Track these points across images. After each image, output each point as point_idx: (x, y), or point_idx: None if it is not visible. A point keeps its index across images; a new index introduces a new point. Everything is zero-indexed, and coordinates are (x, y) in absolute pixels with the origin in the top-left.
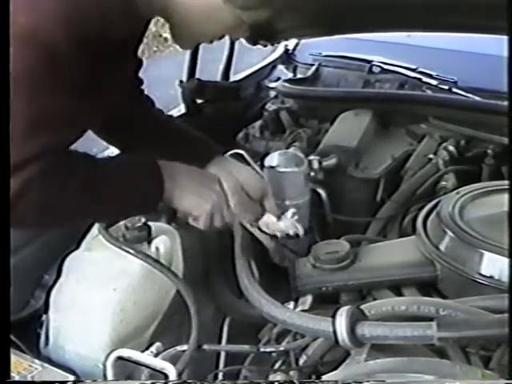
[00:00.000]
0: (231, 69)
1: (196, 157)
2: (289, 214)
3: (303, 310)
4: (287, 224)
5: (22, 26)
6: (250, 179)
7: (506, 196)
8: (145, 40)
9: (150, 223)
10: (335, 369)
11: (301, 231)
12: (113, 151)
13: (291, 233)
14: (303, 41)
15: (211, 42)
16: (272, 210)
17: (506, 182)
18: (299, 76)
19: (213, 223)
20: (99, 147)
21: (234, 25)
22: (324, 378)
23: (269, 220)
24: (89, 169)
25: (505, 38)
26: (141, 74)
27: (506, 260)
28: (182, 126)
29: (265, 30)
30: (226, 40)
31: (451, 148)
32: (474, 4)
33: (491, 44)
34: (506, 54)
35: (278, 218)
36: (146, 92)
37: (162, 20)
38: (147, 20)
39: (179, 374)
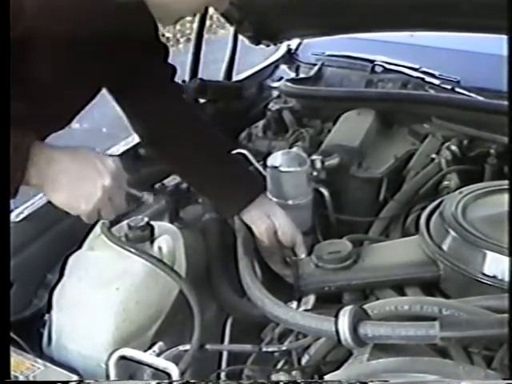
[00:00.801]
0: (234, 68)
1: (241, 191)
2: None
3: (306, 310)
4: None
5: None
6: (284, 227)
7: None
8: None
9: (152, 223)
10: (337, 369)
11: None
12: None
13: None
14: (306, 40)
15: (194, 15)
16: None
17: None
18: (302, 76)
19: (100, 217)
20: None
21: None
22: (326, 377)
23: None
24: None
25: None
26: None
27: (509, 260)
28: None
29: (267, 30)
30: (229, 40)
31: (454, 148)
32: (476, 4)
33: (494, 44)
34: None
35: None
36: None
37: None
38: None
39: (182, 374)
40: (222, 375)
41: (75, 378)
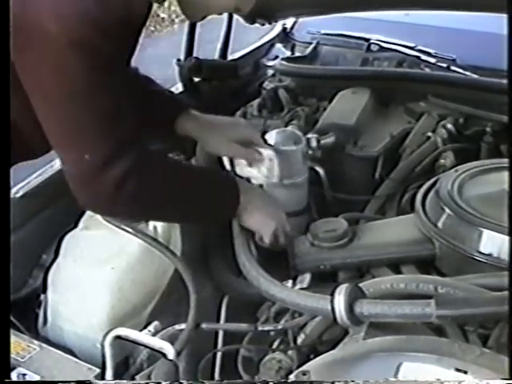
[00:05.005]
0: (229, 47)
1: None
2: (266, 162)
3: (302, 288)
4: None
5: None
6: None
7: (504, 174)
8: None
9: None
10: (333, 347)
11: (275, 179)
12: None
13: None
14: (301, 19)
15: (220, 13)
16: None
17: (505, 160)
18: (297, 54)
19: (277, 241)
20: None
21: None
22: (322, 356)
23: (240, 163)
24: (174, 170)
25: (503, 15)
26: (139, 54)
27: (504, 238)
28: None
29: (262, 9)
30: (224, 18)
31: (450, 126)
32: None
33: (489, 22)
34: (504, 31)
35: (250, 164)
36: None
37: None
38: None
39: (177, 354)
40: (218, 357)
41: (71, 358)
